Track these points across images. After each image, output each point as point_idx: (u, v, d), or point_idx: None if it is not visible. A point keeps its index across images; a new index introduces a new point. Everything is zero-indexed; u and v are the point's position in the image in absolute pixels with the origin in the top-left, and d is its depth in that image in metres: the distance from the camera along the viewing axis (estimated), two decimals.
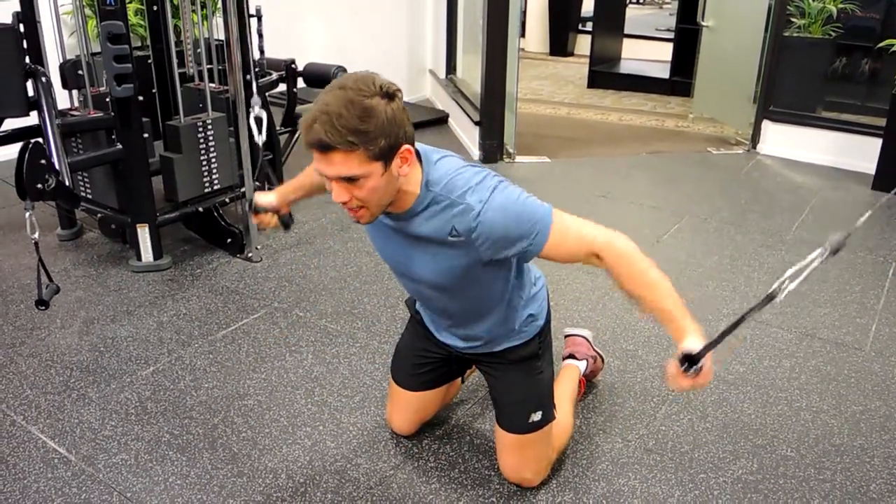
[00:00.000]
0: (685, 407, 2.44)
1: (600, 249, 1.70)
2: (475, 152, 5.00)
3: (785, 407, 2.45)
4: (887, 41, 4.66)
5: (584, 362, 2.42)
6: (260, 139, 1.98)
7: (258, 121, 2.07)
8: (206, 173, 3.39)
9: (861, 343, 2.84)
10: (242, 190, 3.42)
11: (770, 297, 1.42)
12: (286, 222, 2.18)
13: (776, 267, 3.45)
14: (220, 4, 3.30)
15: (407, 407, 2.22)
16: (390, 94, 1.53)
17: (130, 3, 4.57)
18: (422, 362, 2.16)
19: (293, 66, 4.14)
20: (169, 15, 3.40)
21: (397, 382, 2.19)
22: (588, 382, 2.51)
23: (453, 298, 1.89)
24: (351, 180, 1.54)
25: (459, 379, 2.33)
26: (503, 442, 2.06)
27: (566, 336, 2.54)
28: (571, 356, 2.44)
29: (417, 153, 1.68)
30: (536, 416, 2.00)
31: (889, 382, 2.59)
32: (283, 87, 4.20)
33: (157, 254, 3.30)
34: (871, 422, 2.39)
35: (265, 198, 2.12)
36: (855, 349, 2.80)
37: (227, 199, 3.52)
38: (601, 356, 2.52)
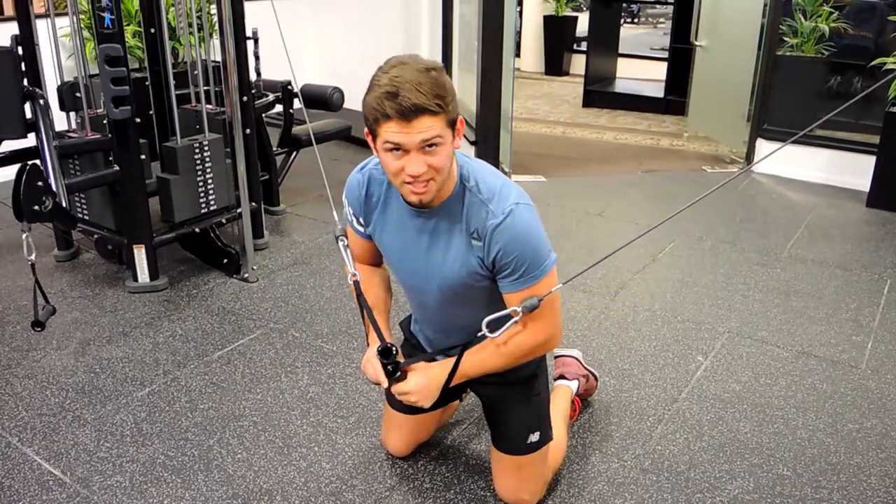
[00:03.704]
0: (681, 426, 2.44)
1: (535, 326, 1.78)
2: None
3: (781, 425, 2.45)
4: (879, 59, 4.70)
5: (576, 382, 2.42)
6: None
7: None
8: (202, 194, 3.40)
9: (857, 361, 2.85)
10: (238, 211, 3.43)
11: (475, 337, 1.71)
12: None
13: (771, 285, 3.46)
14: (217, 27, 3.34)
15: (402, 430, 2.21)
16: (440, 69, 1.61)
17: (128, 25, 4.61)
18: None
19: (289, 87, 4.17)
20: (166, 37, 3.42)
21: (392, 405, 2.19)
22: (583, 402, 2.52)
23: (459, 309, 1.89)
24: (431, 146, 1.58)
25: (457, 400, 2.32)
26: (500, 464, 2.06)
27: (556, 357, 2.54)
28: (562, 377, 2.44)
29: None
30: (534, 437, 1.99)
31: (885, 400, 2.60)
32: (279, 108, 4.23)
33: (154, 274, 3.31)
34: (867, 440, 2.39)
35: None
36: (851, 367, 2.80)
37: (223, 220, 3.53)
38: (594, 375, 2.52)
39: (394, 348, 1.79)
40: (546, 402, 2.06)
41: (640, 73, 8.18)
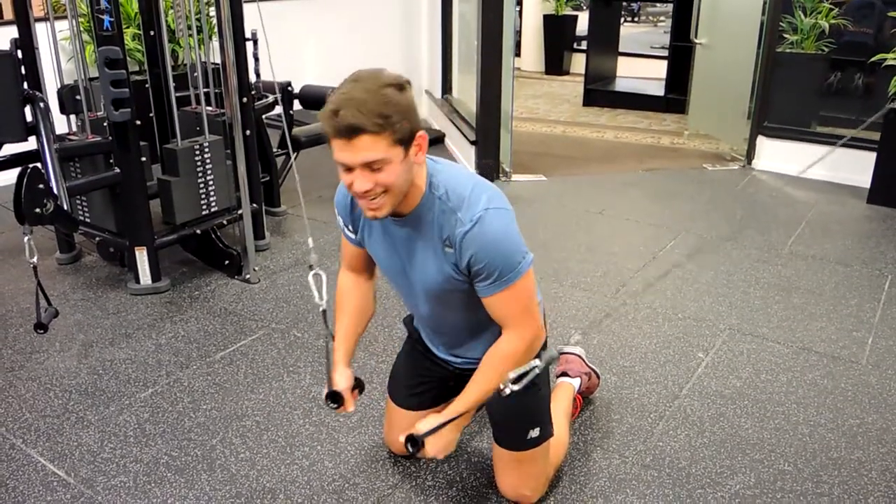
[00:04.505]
0: (682, 423, 2.45)
1: (515, 331, 1.80)
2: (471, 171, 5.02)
3: (782, 421, 2.46)
4: (879, 55, 4.69)
5: (578, 380, 2.43)
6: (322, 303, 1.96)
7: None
8: (203, 196, 3.41)
9: (857, 356, 2.85)
10: (239, 212, 3.44)
11: (498, 393, 1.75)
12: (360, 386, 2.01)
13: (772, 282, 3.46)
14: (216, 29, 3.34)
15: (404, 427, 2.21)
16: (401, 85, 1.59)
17: (127, 28, 4.63)
18: (419, 381, 2.16)
19: (289, 88, 4.18)
20: (166, 40, 3.43)
21: (395, 402, 2.20)
22: (584, 399, 2.52)
23: (448, 311, 1.91)
24: (375, 166, 1.58)
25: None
26: (501, 460, 2.06)
27: (559, 354, 2.54)
28: (564, 374, 2.44)
29: None
30: (534, 433, 2.00)
31: (886, 395, 2.60)
32: (279, 109, 4.24)
33: (156, 276, 3.32)
34: (868, 435, 2.39)
35: (342, 381, 1.94)
36: (851, 362, 2.81)
37: (224, 222, 3.54)
38: (596, 373, 2.52)
39: (339, 394, 1.91)
40: (546, 397, 2.06)
41: (641, 72, 8.20)
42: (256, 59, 3.90)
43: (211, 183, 3.42)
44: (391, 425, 2.25)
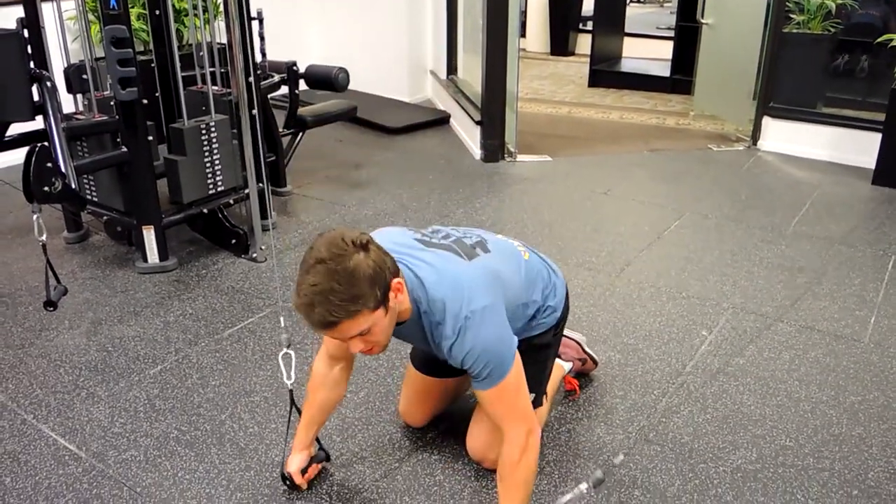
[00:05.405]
0: (685, 399, 2.47)
1: (507, 432, 1.82)
2: (477, 152, 5.03)
3: (784, 398, 2.48)
4: (886, 36, 4.68)
5: (570, 364, 2.45)
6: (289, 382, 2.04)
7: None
8: (209, 175, 3.43)
9: (860, 335, 2.87)
10: (246, 191, 3.46)
11: None
12: (325, 457, 2.14)
13: (776, 262, 3.48)
14: (221, 8, 3.35)
15: (425, 394, 2.26)
16: (364, 245, 1.58)
17: (133, 7, 4.62)
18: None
19: (295, 68, 4.18)
20: (171, 19, 3.43)
21: (419, 369, 2.24)
22: (585, 376, 2.55)
23: None
24: (362, 333, 1.62)
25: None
26: (481, 414, 2.09)
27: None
28: (557, 356, 2.46)
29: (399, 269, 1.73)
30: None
31: (887, 373, 2.62)
32: (285, 88, 4.25)
33: (163, 255, 3.34)
34: (869, 412, 2.41)
35: (294, 464, 2.05)
36: (854, 341, 2.82)
37: (231, 201, 3.56)
38: (593, 359, 2.54)
39: (290, 475, 2.02)
40: (547, 371, 2.12)
41: (647, 53, 8.14)
42: (262, 39, 3.90)
43: (217, 162, 3.44)
44: (411, 394, 2.29)
